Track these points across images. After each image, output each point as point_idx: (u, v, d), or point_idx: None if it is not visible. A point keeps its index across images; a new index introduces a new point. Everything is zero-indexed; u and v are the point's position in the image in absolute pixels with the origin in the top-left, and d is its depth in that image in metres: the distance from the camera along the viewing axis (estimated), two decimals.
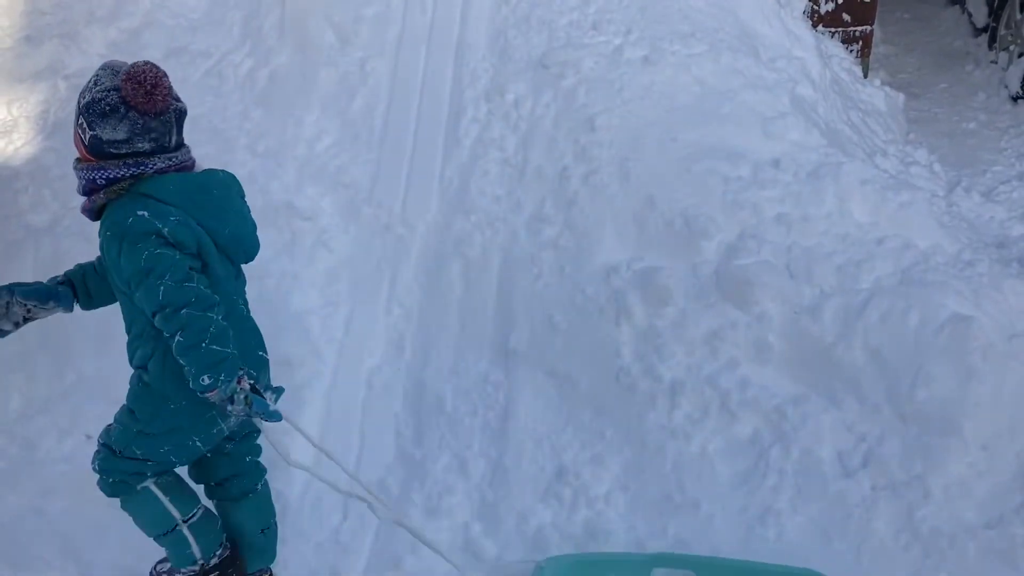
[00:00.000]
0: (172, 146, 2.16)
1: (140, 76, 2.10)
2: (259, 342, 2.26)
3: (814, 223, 3.07)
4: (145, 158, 2.09)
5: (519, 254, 3.13)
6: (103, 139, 2.06)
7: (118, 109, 2.05)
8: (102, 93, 2.06)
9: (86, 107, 2.07)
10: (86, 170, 2.09)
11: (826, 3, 4.92)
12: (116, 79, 2.09)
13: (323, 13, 3.91)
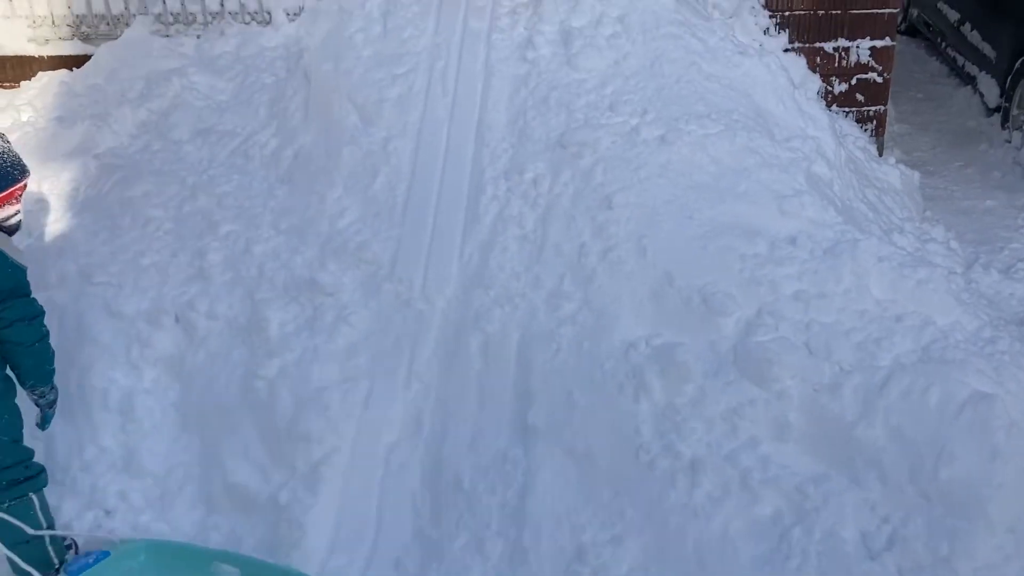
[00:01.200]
0: None
1: None
2: None
3: (832, 300, 3.08)
4: None
5: (538, 330, 3.15)
6: None
7: None
8: None
9: None
10: None
11: (839, 83, 5.01)
12: None
13: (347, 94, 4.01)
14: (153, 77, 4.76)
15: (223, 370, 3.14)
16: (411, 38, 4.15)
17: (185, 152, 4.12)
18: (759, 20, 4.85)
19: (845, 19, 4.87)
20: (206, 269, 3.47)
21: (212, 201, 3.80)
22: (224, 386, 3.09)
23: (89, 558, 2.68)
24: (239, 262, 3.51)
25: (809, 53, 4.90)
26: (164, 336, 3.30)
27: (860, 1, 4.83)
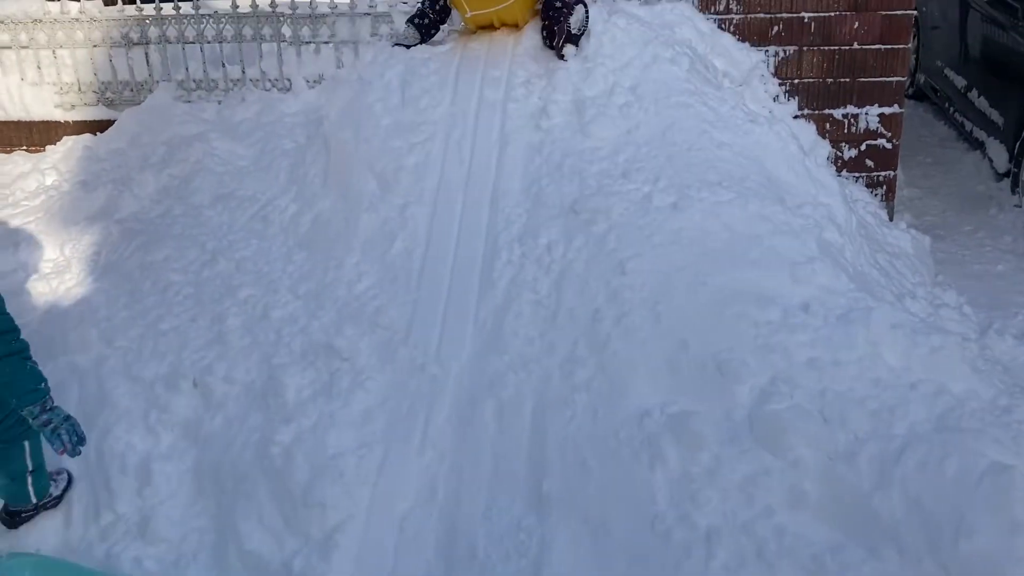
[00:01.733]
0: None
1: None
2: None
3: (846, 368, 3.08)
4: None
5: (552, 396, 3.16)
6: None
7: None
8: None
9: None
10: None
11: (849, 149, 5.08)
12: None
13: (366, 162, 4.10)
14: (175, 142, 4.88)
15: (239, 435, 3.16)
16: (428, 107, 4.24)
17: (206, 217, 4.20)
18: (769, 88, 4.95)
19: (854, 87, 4.96)
20: (224, 334, 3.52)
21: (231, 266, 3.86)
22: (240, 452, 3.10)
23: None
24: (257, 327, 3.55)
25: (818, 120, 4.99)
26: (182, 401, 3.33)
27: (868, 69, 4.92)
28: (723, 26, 4.89)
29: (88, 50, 5.65)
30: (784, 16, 4.85)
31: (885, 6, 4.80)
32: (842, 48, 4.89)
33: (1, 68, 5.77)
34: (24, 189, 5.00)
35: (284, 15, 5.39)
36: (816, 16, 4.84)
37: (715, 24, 4.89)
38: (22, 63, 5.74)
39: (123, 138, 5.19)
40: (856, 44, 4.88)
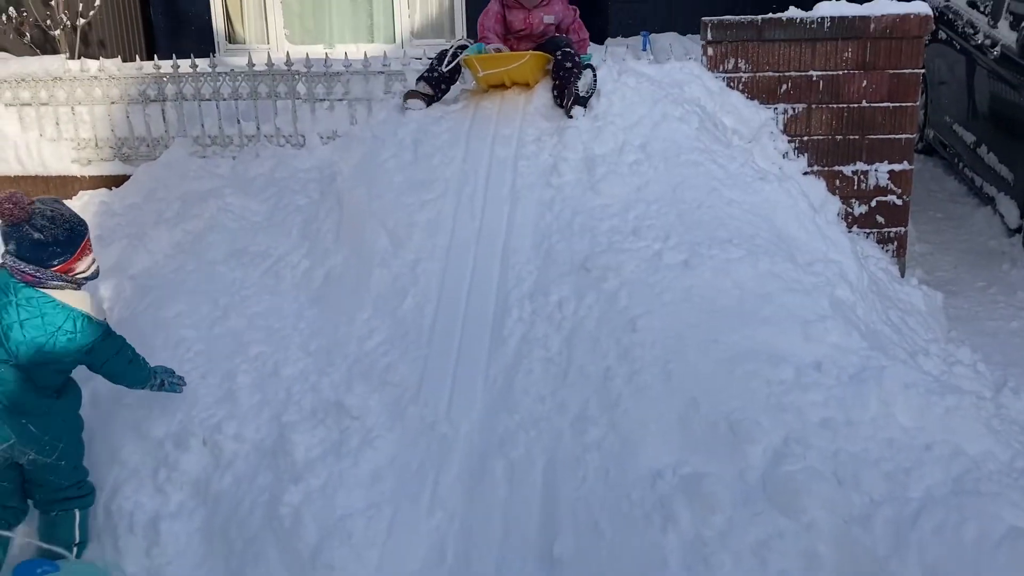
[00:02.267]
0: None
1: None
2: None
3: (859, 428, 3.05)
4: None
5: (564, 456, 3.14)
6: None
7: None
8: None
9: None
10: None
11: (859, 205, 5.09)
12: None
13: (378, 218, 4.13)
14: (189, 198, 4.93)
15: (248, 495, 3.14)
16: (441, 164, 4.29)
17: (218, 273, 4.22)
18: (778, 145, 4.98)
19: (863, 144, 5.00)
20: (235, 391, 3.52)
21: (243, 322, 3.88)
22: (249, 511, 3.08)
23: (39, 567, 2.88)
24: (267, 384, 3.55)
25: (828, 176, 5.01)
26: (191, 459, 3.31)
27: (877, 127, 4.96)
28: (732, 84, 4.95)
29: (106, 107, 5.76)
30: (792, 75, 4.91)
31: (893, 65, 4.85)
32: (851, 106, 4.94)
33: (21, 124, 5.88)
34: None
35: (299, 73, 5.49)
36: (824, 75, 4.89)
37: (724, 82, 4.94)
38: (41, 119, 5.85)
39: (138, 193, 5.26)
40: (864, 102, 4.92)
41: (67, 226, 2.90)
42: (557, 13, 4.86)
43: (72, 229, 2.91)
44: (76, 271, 2.93)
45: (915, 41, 4.83)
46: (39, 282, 2.89)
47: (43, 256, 2.85)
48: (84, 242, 2.95)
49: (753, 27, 4.85)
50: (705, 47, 4.93)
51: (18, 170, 5.93)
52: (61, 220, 2.89)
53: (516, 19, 4.83)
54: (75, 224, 2.95)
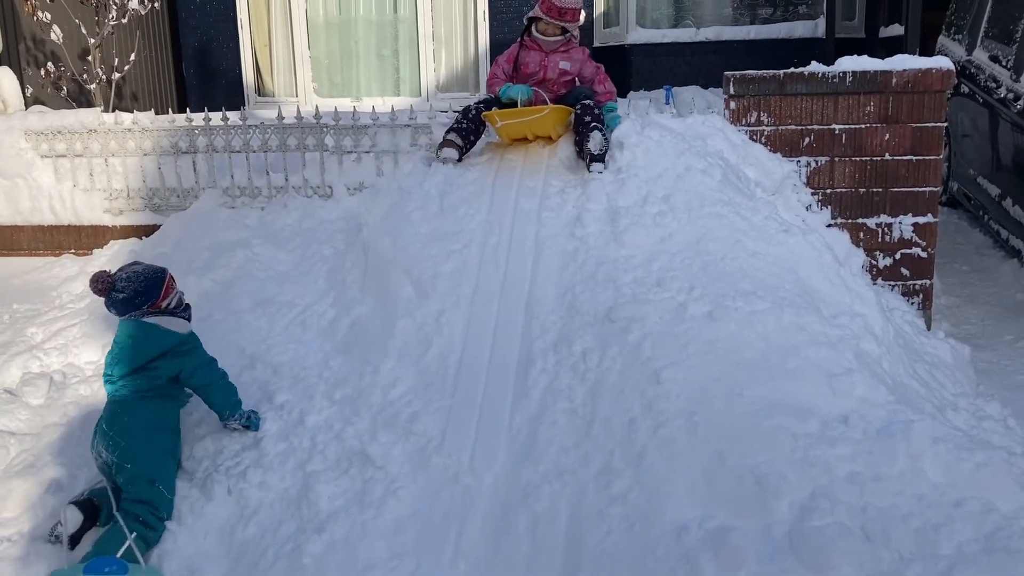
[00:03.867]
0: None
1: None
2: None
3: (887, 483, 3.02)
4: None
5: (588, 509, 3.12)
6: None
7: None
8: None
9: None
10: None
11: (884, 258, 5.08)
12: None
13: (403, 268, 4.17)
14: (218, 247, 4.99)
15: (272, 545, 3.14)
16: (466, 216, 4.34)
17: (245, 322, 4.27)
18: (801, 197, 4.99)
19: (886, 196, 5.00)
20: (260, 439, 3.53)
21: (269, 371, 3.91)
22: (272, 561, 3.07)
23: (107, 566, 2.98)
24: (292, 433, 3.57)
25: (852, 229, 5.01)
26: (216, 508, 3.32)
27: (900, 179, 4.97)
28: (754, 137, 4.99)
29: (139, 158, 5.88)
30: (815, 128, 4.94)
31: (916, 119, 4.88)
32: (873, 159, 4.95)
33: (56, 175, 6.01)
34: (71, 292, 5.13)
35: (328, 126, 5.59)
36: (847, 128, 4.92)
37: (746, 135, 4.99)
38: (75, 170, 5.98)
39: (168, 242, 5.33)
40: (888, 155, 4.94)
41: (141, 279, 3.54)
42: (575, 63, 4.91)
43: (148, 279, 3.55)
44: (162, 306, 3.57)
45: (937, 95, 4.85)
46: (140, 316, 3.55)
47: (133, 306, 3.52)
48: (165, 285, 3.59)
49: (775, 81, 4.91)
50: (728, 101, 4.99)
51: (51, 220, 6.06)
52: (136, 276, 3.54)
53: (532, 61, 4.88)
54: (150, 275, 3.58)
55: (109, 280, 3.50)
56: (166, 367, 3.48)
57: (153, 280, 3.57)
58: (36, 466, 3.48)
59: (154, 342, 3.48)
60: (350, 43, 9.75)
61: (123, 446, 3.34)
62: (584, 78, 4.97)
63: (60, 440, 3.63)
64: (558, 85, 4.89)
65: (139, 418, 3.41)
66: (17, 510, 3.34)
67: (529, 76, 4.86)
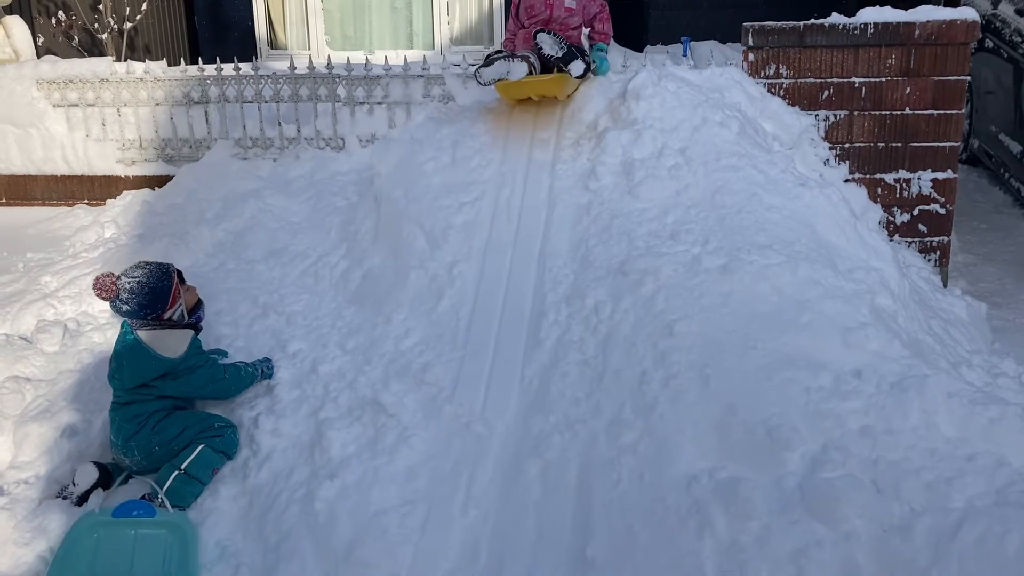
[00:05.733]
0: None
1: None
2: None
3: (900, 437, 3.00)
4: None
5: (598, 459, 3.12)
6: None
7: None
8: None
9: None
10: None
11: (901, 214, 5.03)
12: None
13: (416, 220, 4.15)
14: (230, 198, 4.99)
15: (284, 490, 3.16)
16: (479, 167, 4.30)
17: (258, 271, 4.27)
18: (819, 151, 4.94)
19: (905, 152, 4.93)
20: (273, 387, 3.55)
21: (282, 320, 3.92)
22: (285, 506, 3.09)
23: (135, 508, 3.04)
24: (305, 381, 3.58)
25: (870, 184, 4.96)
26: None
27: (920, 134, 4.90)
28: (773, 90, 4.91)
29: (151, 108, 5.86)
30: (834, 81, 4.86)
31: (938, 72, 4.79)
32: (893, 113, 4.88)
33: (68, 125, 5.99)
34: (84, 241, 5.15)
35: (340, 76, 5.54)
36: (867, 81, 4.84)
37: (764, 88, 4.91)
38: (88, 120, 5.96)
39: (180, 193, 5.33)
40: (908, 109, 4.86)
41: (146, 291, 3.38)
42: (580, 1, 4.83)
43: (152, 291, 3.39)
44: (165, 318, 3.42)
45: (961, 48, 4.76)
46: (141, 327, 3.41)
47: (135, 318, 3.39)
48: (171, 293, 3.44)
49: (795, 33, 4.82)
50: (746, 53, 4.91)
51: (64, 170, 6.06)
52: (140, 289, 3.37)
53: (537, 2, 4.81)
54: (155, 285, 3.41)
55: (114, 287, 3.36)
56: (169, 386, 3.37)
57: (158, 291, 3.40)
58: (51, 411, 3.51)
59: (149, 366, 3.32)
60: None
61: (149, 462, 3.32)
62: (589, 15, 4.90)
63: (75, 386, 3.66)
64: (564, 25, 4.81)
65: (159, 439, 3.31)
66: (33, 453, 3.37)
67: (535, 17, 4.79)
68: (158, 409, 3.34)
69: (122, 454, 3.34)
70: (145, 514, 3.03)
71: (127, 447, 3.30)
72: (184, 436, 3.32)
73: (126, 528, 3.00)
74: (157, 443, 3.30)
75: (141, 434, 3.29)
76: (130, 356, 3.32)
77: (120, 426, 3.33)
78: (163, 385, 3.34)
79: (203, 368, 3.43)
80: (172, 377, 3.35)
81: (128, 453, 3.32)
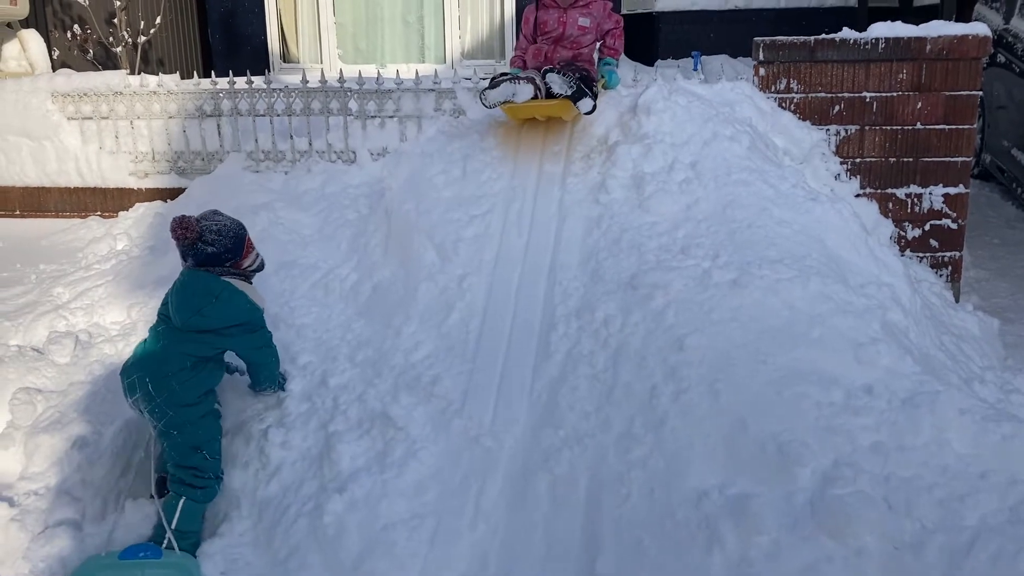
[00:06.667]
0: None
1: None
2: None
3: (911, 453, 2.99)
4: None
5: (608, 473, 3.11)
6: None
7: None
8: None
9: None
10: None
11: (913, 229, 5.01)
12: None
13: (426, 233, 4.16)
14: (242, 210, 4.97)
15: (294, 503, 3.16)
16: (489, 180, 4.31)
17: (269, 284, 4.27)
18: (830, 166, 4.93)
19: (917, 167, 4.92)
20: (283, 399, 3.55)
21: (292, 332, 3.92)
22: (293, 519, 3.10)
23: (142, 551, 3.05)
24: (315, 393, 3.58)
25: (881, 199, 4.94)
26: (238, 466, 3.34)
27: (932, 149, 4.88)
28: (783, 105, 4.91)
29: (164, 121, 5.90)
30: (845, 96, 4.86)
31: (949, 87, 4.78)
32: (905, 128, 4.87)
33: (82, 137, 6.04)
34: (96, 253, 5.17)
35: (352, 90, 5.57)
36: (878, 96, 4.84)
37: (775, 103, 4.91)
38: (101, 133, 6.00)
39: (192, 205, 5.34)
40: (919, 124, 4.85)
41: (231, 235, 3.37)
42: (594, 15, 4.73)
43: (236, 236, 3.39)
44: (243, 266, 3.42)
45: (973, 63, 4.75)
46: (222, 274, 3.37)
47: (217, 262, 3.34)
48: (246, 243, 3.43)
49: (806, 48, 4.82)
50: (757, 67, 4.91)
51: (78, 182, 6.10)
52: (227, 231, 3.36)
53: (550, 19, 4.72)
54: (238, 231, 3.41)
55: (196, 228, 3.27)
56: (235, 340, 3.32)
57: (240, 238, 3.39)
58: (62, 422, 3.52)
59: (238, 310, 3.29)
60: (375, 9, 9.68)
61: (170, 416, 3.23)
62: (603, 31, 4.81)
63: (86, 397, 3.67)
64: (577, 43, 4.72)
65: (189, 386, 3.25)
66: (44, 464, 3.38)
67: (548, 34, 4.73)
68: (200, 356, 3.27)
69: (146, 407, 3.24)
70: (152, 556, 3.02)
71: (152, 401, 3.21)
72: (197, 409, 3.25)
73: (133, 570, 3.00)
74: (177, 400, 3.22)
75: (171, 378, 3.21)
76: (225, 294, 3.26)
77: (161, 357, 3.24)
78: (233, 335, 3.29)
79: (262, 329, 3.43)
80: (248, 328, 3.33)
81: (159, 388, 3.21)
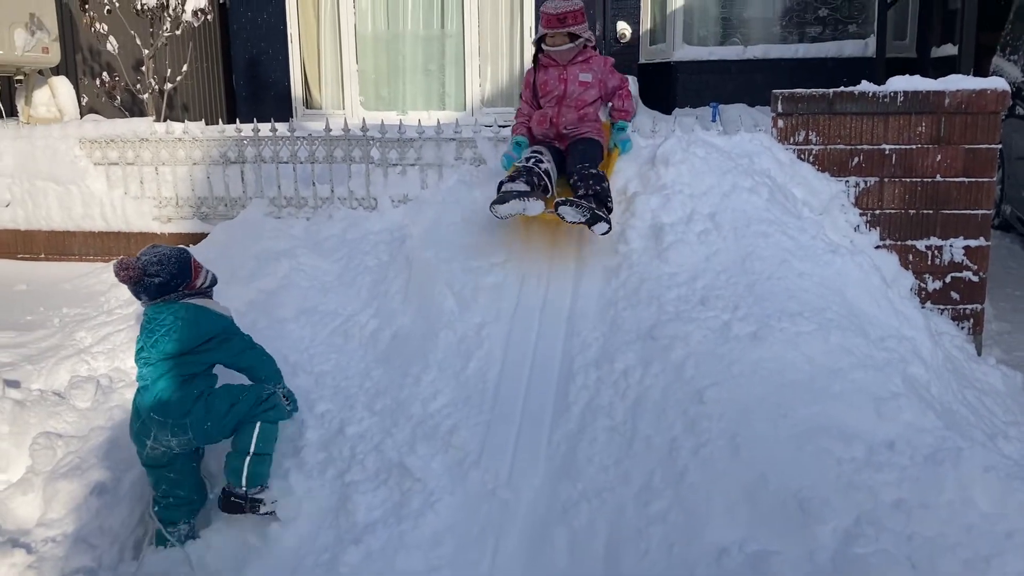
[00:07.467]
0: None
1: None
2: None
3: (935, 511, 2.94)
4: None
5: (627, 528, 3.08)
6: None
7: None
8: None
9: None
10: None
11: (933, 281, 4.98)
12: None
13: (445, 280, 4.18)
14: (264, 256, 5.05)
15: (310, 554, 3.15)
16: (509, 229, 4.32)
17: (288, 330, 4.30)
18: (849, 217, 4.92)
19: (937, 218, 4.91)
20: (300, 449, 3.55)
21: (311, 380, 3.94)
22: (309, 570, 3.08)
23: None
24: (332, 443, 3.58)
25: (901, 251, 4.93)
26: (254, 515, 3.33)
27: (952, 202, 4.88)
28: (802, 156, 4.93)
29: (188, 167, 5.98)
30: (864, 148, 4.88)
31: (968, 140, 4.79)
32: (924, 180, 4.87)
33: (108, 182, 6.13)
34: (119, 297, 5.22)
35: (374, 139, 5.64)
36: (897, 148, 4.85)
37: (794, 154, 4.93)
38: (127, 178, 6.10)
39: (215, 250, 5.39)
40: (939, 176, 4.86)
41: (174, 260, 3.45)
42: (596, 72, 4.61)
43: (179, 260, 3.48)
44: (197, 286, 3.53)
45: (991, 117, 4.76)
46: (178, 299, 3.48)
47: (170, 290, 3.43)
48: (192, 265, 3.52)
49: (824, 100, 4.85)
50: (775, 119, 4.94)
51: (102, 226, 6.18)
52: (167, 259, 3.44)
53: (550, 79, 4.59)
54: (179, 255, 3.50)
55: (136, 265, 3.35)
56: (213, 353, 3.44)
57: (184, 262, 3.48)
58: (82, 468, 3.53)
59: (206, 326, 3.41)
60: (397, 58, 9.85)
61: (189, 424, 3.31)
62: (608, 89, 4.72)
63: (106, 443, 3.68)
64: (581, 101, 4.61)
65: (191, 394, 3.33)
66: (62, 511, 3.38)
67: (550, 95, 4.62)
68: (203, 390, 3.37)
69: (169, 434, 3.30)
70: None
71: (179, 425, 3.29)
72: (236, 411, 3.36)
73: None
74: (210, 420, 3.33)
75: (195, 412, 3.31)
76: (189, 316, 3.37)
77: (165, 403, 3.30)
78: (211, 349, 3.40)
79: (238, 335, 3.55)
80: (221, 340, 3.43)
81: (177, 432, 3.30)
